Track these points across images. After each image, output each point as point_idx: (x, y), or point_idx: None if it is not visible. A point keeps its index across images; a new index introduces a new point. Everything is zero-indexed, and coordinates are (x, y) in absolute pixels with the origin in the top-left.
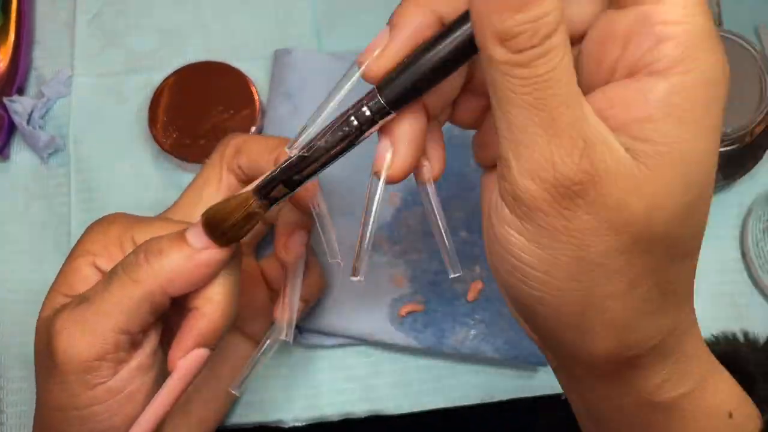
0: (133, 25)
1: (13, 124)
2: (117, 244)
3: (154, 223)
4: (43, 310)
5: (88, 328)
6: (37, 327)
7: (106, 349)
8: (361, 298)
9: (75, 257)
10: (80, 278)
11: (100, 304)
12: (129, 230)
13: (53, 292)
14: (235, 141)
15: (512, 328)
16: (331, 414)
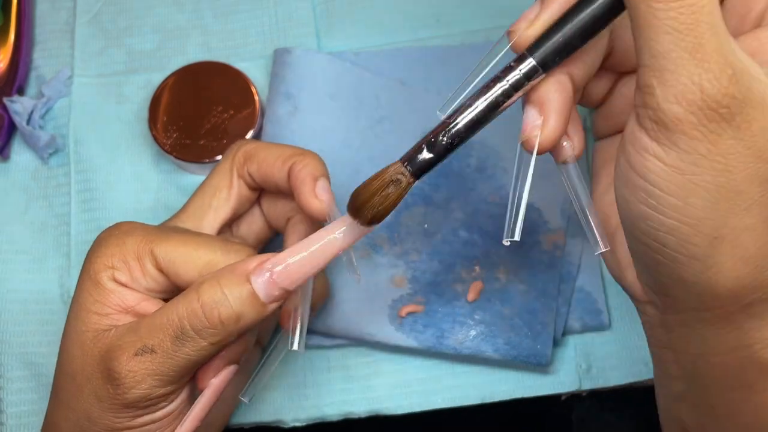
0: (133, 25)
1: (13, 125)
2: (135, 257)
3: (173, 237)
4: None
5: (160, 378)
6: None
7: (177, 389)
8: (362, 299)
9: (96, 272)
10: (107, 293)
11: (171, 360)
12: (147, 243)
13: (83, 312)
14: (246, 148)
15: (512, 328)
16: (331, 414)
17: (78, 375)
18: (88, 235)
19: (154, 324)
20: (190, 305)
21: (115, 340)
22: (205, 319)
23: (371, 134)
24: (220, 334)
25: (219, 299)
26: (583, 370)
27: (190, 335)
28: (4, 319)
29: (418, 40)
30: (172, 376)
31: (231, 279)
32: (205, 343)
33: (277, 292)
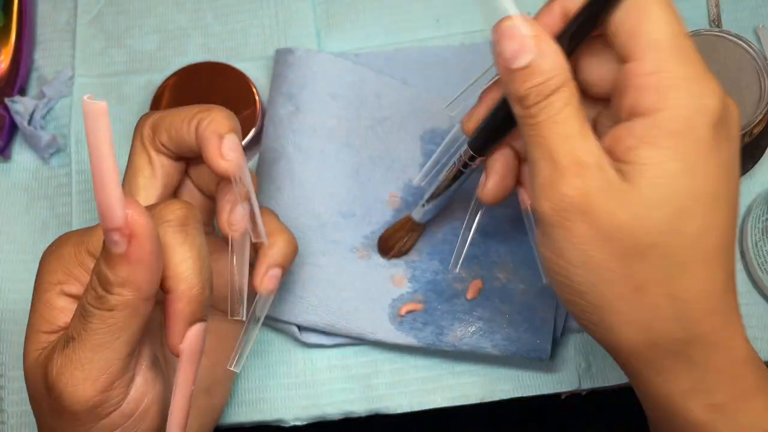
0: (134, 25)
1: (15, 125)
2: (76, 263)
3: (100, 229)
4: (28, 354)
5: (87, 366)
6: (27, 371)
7: (111, 378)
8: (361, 299)
9: (41, 293)
10: (57, 311)
11: (87, 341)
12: (81, 245)
13: (33, 333)
14: (150, 120)
15: (511, 324)
16: (331, 413)
17: (36, 395)
18: None
19: (73, 316)
20: (88, 282)
21: (48, 347)
22: (91, 289)
23: (372, 134)
24: (110, 300)
25: (96, 269)
26: (583, 370)
27: (89, 309)
28: (5, 318)
29: (418, 40)
30: (96, 360)
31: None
32: (104, 312)
33: (115, 237)
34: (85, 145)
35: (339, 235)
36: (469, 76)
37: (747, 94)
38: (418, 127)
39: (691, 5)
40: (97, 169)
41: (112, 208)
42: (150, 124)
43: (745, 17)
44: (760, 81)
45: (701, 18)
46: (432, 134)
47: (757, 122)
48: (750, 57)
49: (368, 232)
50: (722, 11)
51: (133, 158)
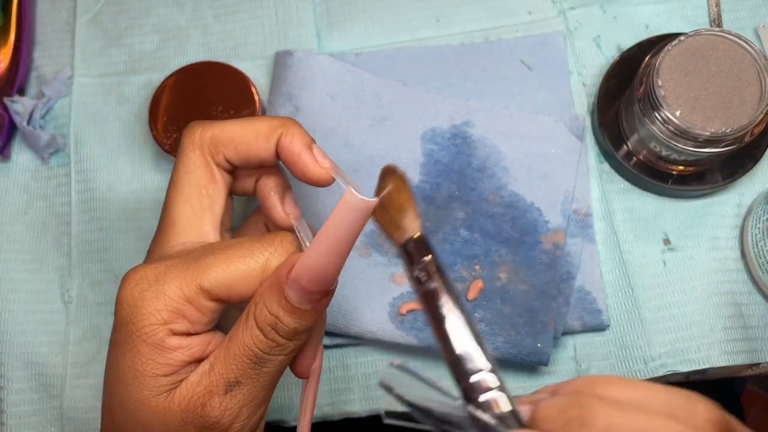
0: (133, 25)
1: (14, 125)
2: (185, 301)
3: (211, 261)
4: (145, 400)
5: (252, 403)
6: (151, 415)
7: (266, 408)
8: (362, 298)
9: (149, 335)
10: (173, 352)
11: (257, 383)
12: (191, 282)
13: (148, 379)
14: (212, 133)
15: (512, 327)
16: (331, 413)
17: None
18: (88, 235)
19: (228, 358)
20: (253, 333)
21: (194, 390)
22: (270, 341)
23: (372, 134)
24: (289, 347)
25: (272, 322)
26: (583, 370)
27: (265, 357)
28: (5, 318)
29: (418, 40)
30: (262, 397)
31: (273, 296)
32: (281, 357)
33: (316, 297)
34: (85, 145)
35: None
36: (470, 75)
37: (747, 93)
38: (418, 127)
39: (691, 5)
40: (332, 249)
41: (329, 278)
42: (212, 138)
43: (745, 17)
44: (760, 81)
45: (702, 18)
46: (432, 134)
47: (757, 122)
48: (750, 57)
49: (368, 231)
50: (723, 11)
51: (193, 173)
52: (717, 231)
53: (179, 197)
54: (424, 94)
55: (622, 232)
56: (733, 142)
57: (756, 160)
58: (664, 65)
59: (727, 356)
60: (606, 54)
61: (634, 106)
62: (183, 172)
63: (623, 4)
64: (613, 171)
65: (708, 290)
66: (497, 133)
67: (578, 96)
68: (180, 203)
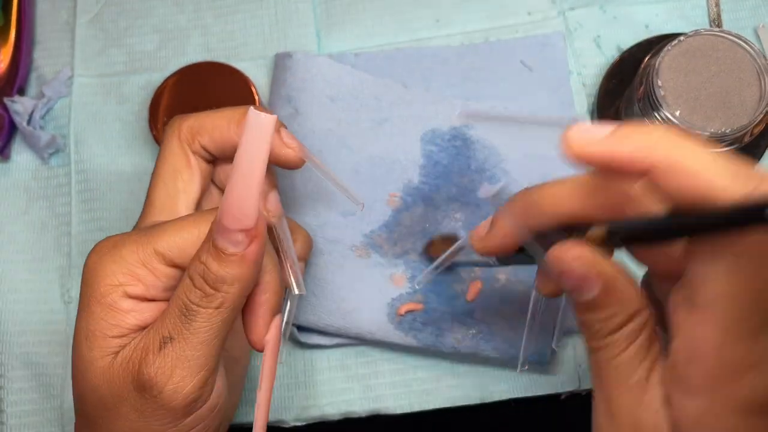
0: (133, 25)
1: (14, 125)
2: (139, 264)
3: (167, 228)
4: (94, 360)
5: (188, 364)
6: (96, 377)
7: (209, 374)
8: (361, 298)
9: (100, 296)
10: (123, 314)
11: (189, 339)
12: (146, 246)
13: (99, 339)
14: (188, 123)
15: (511, 327)
16: (331, 414)
17: (108, 400)
18: (88, 235)
19: (165, 315)
20: (184, 282)
21: (136, 349)
22: (197, 289)
23: (371, 136)
24: (217, 298)
25: (201, 270)
26: (583, 370)
27: (193, 308)
28: (5, 318)
29: (417, 40)
30: (197, 357)
31: (204, 246)
32: (210, 310)
33: (239, 237)
34: (85, 145)
35: (338, 234)
36: (470, 76)
37: (747, 94)
38: (418, 128)
39: (691, 5)
40: (243, 175)
41: (248, 211)
42: (188, 127)
43: (745, 17)
44: (760, 81)
45: (701, 18)
46: (432, 135)
47: (757, 122)
48: (750, 57)
49: (368, 231)
50: (722, 11)
51: (169, 159)
52: None
53: (157, 181)
54: (424, 95)
55: None
56: (732, 142)
57: (756, 160)
58: (664, 65)
59: None
60: (606, 54)
61: (634, 106)
62: (161, 159)
63: (623, 4)
64: None
65: None
66: (497, 134)
67: (578, 96)
68: (158, 186)
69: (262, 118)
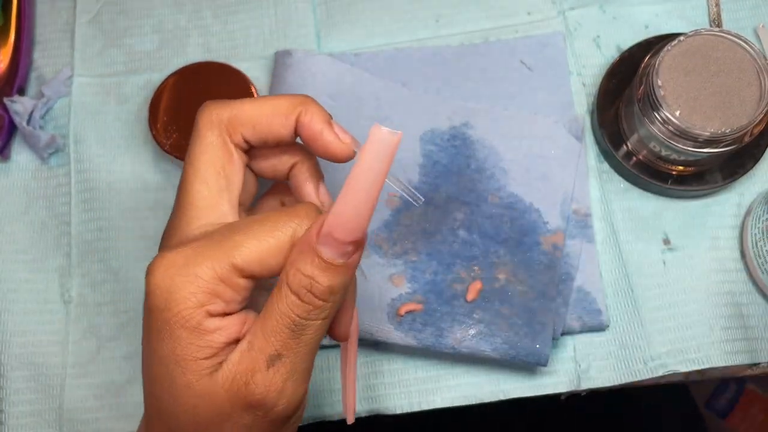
0: (133, 25)
1: (14, 125)
2: (218, 281)
3: (243, 240)
4: (189, 385)
5: (297, 377)
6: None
7: (309, 379)
8: (361, 298)
9: (186, 320)
10: (212, 334)
11: (299, 353)
12: (223, 261)
13: (190, 363)
14: (230, 112)
15: (511, 328)
16: (331, 413)
17: (210, 423)
18: (88, 235)
19: (266, 332)
20: (289, 299)
21: (236, 369)
22: (307, 304)
23: None
24: (327, 308)
25: (307, 284)
26: (582, 370)
27: (304, 323)
28: (5, 318)
29: (417, 40)
30: (305, 368)
31: (305, 258)
32: (319, 321)
33: (349, 248)
34: (85, 144)
35: None
36: (469, 76)
37: (747, 93)
38: (417, 127)
39: (691, 5)
40: (362, 190)
41: (363, 225)
42: (229, 118)
43: (745, 17)
44: (760, 81)
45: (701, 18)
46: (431, 135)
47: (757, 122)
48: (750, 57)
49: (367, 231)
50: (722, 11)
51: (209, 153)
52: (717, 231)
53: (196, 178)
54: (424, 95)
55: (622, 232)
56: (732, 142)
57: (756, 160)
58: (664, 65)
59: (726, 356)
60: (605, 54)
61: (634, 106)
62: (199, 152)
63: (623, 5)
64: (612, 171)
65: (708, 290)
66: (496, 134)
67: (578, 96)
68: (197, 184)
69: (387, 136)
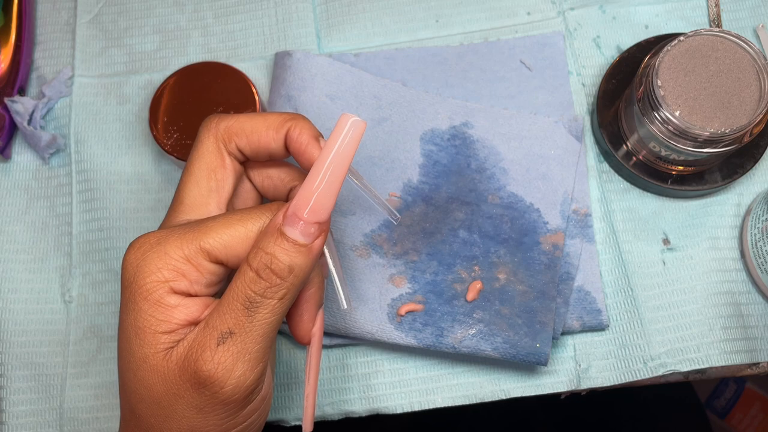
0: (133, 25)
1: (15, 125)
2: (184, 260)
3: (211, 225)
4: (146, 358)
5: (249, 357)
6: (148, 373)
7: (266, 364)
8: (361, 299)
9: (150, 292)
10: (171, 309)
11: (251, 332)
12: (192, 242)
13: (149, 335)
14: (226, 123)
15: (511, 327)
16: (331, 413)
17: (163, 398)
18: (89, 235)
19: (221, 310)
20: (246, 276)
21: (190, 346)
22: (263, 280)
23: (371, 135)
24: (282, 288)
25: (267, 260)
26: (582, 370)
27: (258, 300)
28: (5, 318)
29: (417, 40)
30: (258, 350)
31: (268, 238)
32: (274, 301)
33: (312, 229)
34: (85, 145)
35: (338, 234)
36: (469, 76)
37: (747, 93)
38: (417, 127)
39: (691, 5)
40: (328, 171)
41: (328, 206)
42: (226, 128)
43: (744, 17)
44: (759, 81)
45: (701, 18)
46: (431, 134)
47: (756, 122)
48: (750, 57)
49: (368, 231)
50: (722, 11)
51: (204, 158)
52: (716, 231)
53: (190, 179)
54: (424, 94)
55: (622, 232)
56: (732, 142)
57: (755, 160)
58: (664, 65)
59: (726, 356)
60: (605, 54)
61: (634, 106)
62: (196, 157)
63: (622, 5)
64: (612, 171)
65: (707, 290)
66: (496, 134)
67: (578, 96)
68: (189, 184)
69: (354, 123)
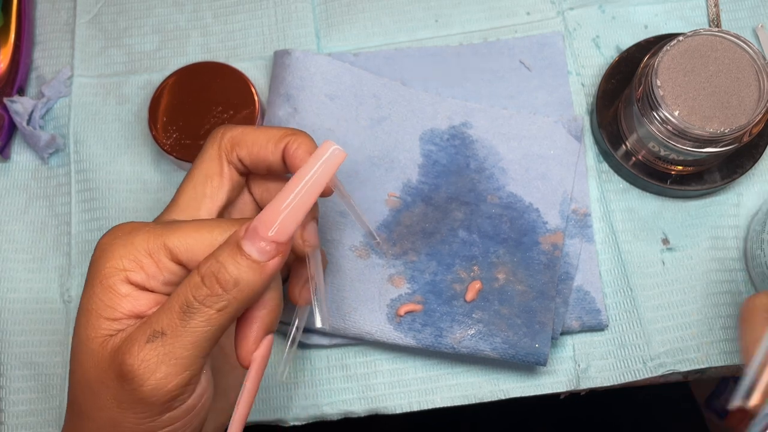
0: (133, 25)
1: (14, 125)
2: (146, 254)
3: (183, 226)
4: (87, 339)
5: (174, 362)
6: (85, 355)
7: (193, 374)
8: (360, 299)
9: (103, 277)
10: (120, 298)
11: (182, 337)
12: (158, 237)
13: (93, 318)
14: (232, 133)
15: (510, 327)
16: (330, 413)
17: (94, 383)
18: (88, 235)
19: (162, 310)
20: (192, 280)
21: (126, 338)
22: (205, 287)
23: (370, 134)
24: (223, 299)
25: (216, 269)
26: (582, 370)
27: (195, 306)
28: (4, 318)
29: (417, 40)
30: (186, 357)
31: (225, 248)
32: (212, 311)
33: (269, 248)
34: (84, 145)
35: (338, 234)
36: (468, 76)
37: (746, 93)
38: (417, 127)
39: (690, 5)
40: (298, 194)
41: (289, 228)
42: (230, 138)
43: (743, 17)
44: (759, 81)
45: (701, 18)
46: (431, 134)
47: (756, 122)
48: (749, 57)
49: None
50: (721, 11)
51: (203, 165)
52: (716, 231)
53: (188, 182)
54: (423, 94)
55: (621, 232)
56: (731, 142)
57: (755, 160)
58: (663, 65)
59: (725, 356)
60: (605, 54)
61: (633, 106)
62: (199, 162)
63: (622, 5)
64: (611, 171)
65: (707, 290)
66: (496, 133)
67: (577, 96)
68: (187, 187)
69: (334, 151)
